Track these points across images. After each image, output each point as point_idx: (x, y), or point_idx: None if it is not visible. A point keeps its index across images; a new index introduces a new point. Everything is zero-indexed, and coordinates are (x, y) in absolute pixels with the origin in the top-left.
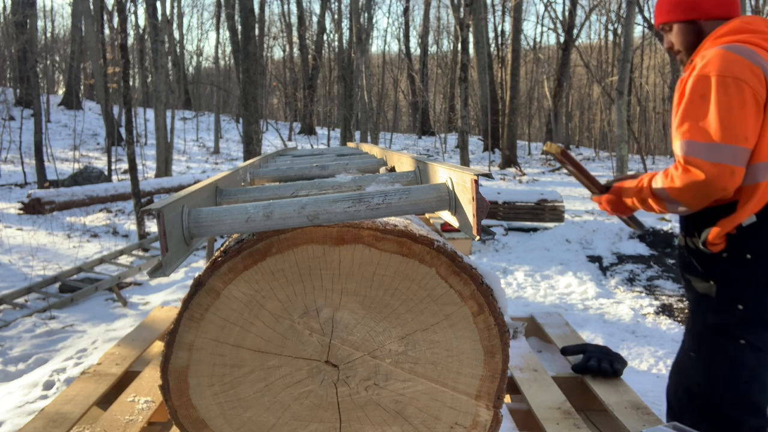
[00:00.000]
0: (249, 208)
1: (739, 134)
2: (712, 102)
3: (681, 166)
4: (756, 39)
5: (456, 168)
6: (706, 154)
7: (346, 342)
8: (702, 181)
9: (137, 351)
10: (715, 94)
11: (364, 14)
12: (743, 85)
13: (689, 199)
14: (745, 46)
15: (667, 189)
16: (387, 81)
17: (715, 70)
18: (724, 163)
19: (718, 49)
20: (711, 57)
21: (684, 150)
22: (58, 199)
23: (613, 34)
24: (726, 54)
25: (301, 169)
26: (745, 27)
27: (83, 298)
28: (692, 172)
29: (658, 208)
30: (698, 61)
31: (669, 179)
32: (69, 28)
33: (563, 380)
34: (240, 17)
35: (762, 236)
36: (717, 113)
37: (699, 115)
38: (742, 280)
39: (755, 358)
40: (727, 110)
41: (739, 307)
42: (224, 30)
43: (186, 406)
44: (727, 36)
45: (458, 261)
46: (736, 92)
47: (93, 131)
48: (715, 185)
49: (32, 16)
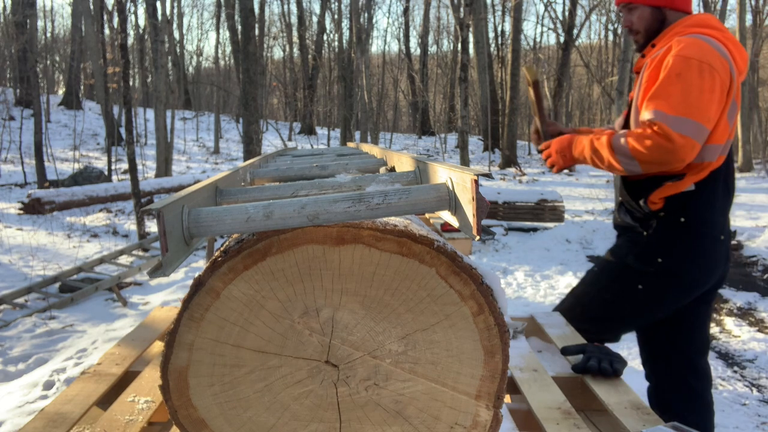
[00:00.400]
0: (249, 208)
1: (705, 115)
2: (687, 82)
3: (651, 131)
4: (719, 35)
5: (456, 168)
6: (677, 126)
7: (346, 342)
8: (668, 148)
9: (137, 351)
10: (692, 75)
11: (364, 14)
12: (715, 73)
13: (649, 161)
14: (717, 42)
15: (630, 147)
16: (387, 81)
17: (694, 55)
18: (690, 136)
19: (694, 37)
20: (689, 42)
21: (657, 117)
22: (58, 199)
23: (613, 34)
24: (703, 43)
25: (301, 169)
26: (708, 23)
27: (83, 298)
28: (661, 138)
29: (607, 163)
30: (675, 45)
31: (634, 138)
32: (69, 28)
33: (563, 380)
34: (240, 17)
35: (696, 204)
36: (691, 93)
37: (674, 91)
38: (670, 239)
39: (641, 301)
40: (699, 92)
41: (659, 260)
42: (224, 30)
43: (186, 406)
44: (697, 27)
45: (458, 261)
46: (709, 78)
47: (93, 131)
48: (677, 154)
49: (32, 16)
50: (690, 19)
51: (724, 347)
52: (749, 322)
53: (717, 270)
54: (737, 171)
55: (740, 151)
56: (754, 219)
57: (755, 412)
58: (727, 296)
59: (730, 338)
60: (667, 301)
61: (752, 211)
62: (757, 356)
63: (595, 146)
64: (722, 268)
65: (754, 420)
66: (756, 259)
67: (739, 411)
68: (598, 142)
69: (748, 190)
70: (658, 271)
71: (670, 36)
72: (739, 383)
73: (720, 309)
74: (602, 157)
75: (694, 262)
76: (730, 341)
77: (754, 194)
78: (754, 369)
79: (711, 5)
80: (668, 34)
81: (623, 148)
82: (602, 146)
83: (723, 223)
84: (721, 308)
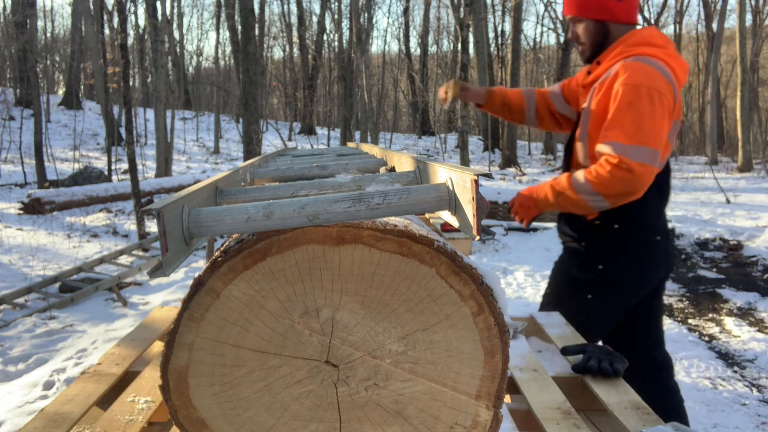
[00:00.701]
0: (249, 208)
1: (658, 141)
2: (639, 110)
3: (611, 165)
4: (662, 54)
5: (456, 168)
6: (635, 155)
7: (346, 342)
8: (630, 178)
9: (137, 351)
10: (642, 103)
11: (364, 14)
12: (663, 98)
13: (614, 194)
14: (661, 63)
15: (592, 184)
16: (387, 81)
17: (642, 82)
18: (648, 164)
19: (639, 61)
20: (636, 68)
21: (616, 150)
22: (58, 199)
23: None
24: (648, 68)
25: (301, 169)
26: (651, 40)
27: (83, 298)
28: (622, 171)
29: (574, 204)
30: (621, 71)
31: (595, 175)
32: (69, 28)
33: (563, 380)
34: (240, 17)
35: (628, 211)
36: (643, 121)
37: (627, 121)
38: (606, 246)
39: (591, 310)
40: (651, 119)
41: (599, 267)
42: (224, 30)
43: (186, 406)
44: (641, 47)
45: (458, 261)
46: (659, 104)
47: (93, 131)
48: (640, 183)
49: (32, 16)
50: (633, 37)
51: (724, 347)
52: (749, 322)
53: (657, 270)
54: (737, 171)
55: (740, 151)
56: (754, 219)
57: (755, 412)
58: (727, 296)
59: (730, 338)
60: (613, 306)
61: (752, 211)
62: (757, 356)
63: (557, 190)
64: (664, 266)
65: (754, 420)
66: (756, 259)
67: (739, 411)
68: (559, 186)
69: (748, 190)
70: (600, 278)
71: (614, 55)
72: (739, 383)
73: (720, 309)
74: (568, 199)
75: (632, 266)
76: (730, 341)
77: (754, 194)
78: (754, 369)
79: (711, 5)
80: (612, 53)
81: (585, 186)
82: (565, 188)
83: (658, 224)
84: (721, 308)
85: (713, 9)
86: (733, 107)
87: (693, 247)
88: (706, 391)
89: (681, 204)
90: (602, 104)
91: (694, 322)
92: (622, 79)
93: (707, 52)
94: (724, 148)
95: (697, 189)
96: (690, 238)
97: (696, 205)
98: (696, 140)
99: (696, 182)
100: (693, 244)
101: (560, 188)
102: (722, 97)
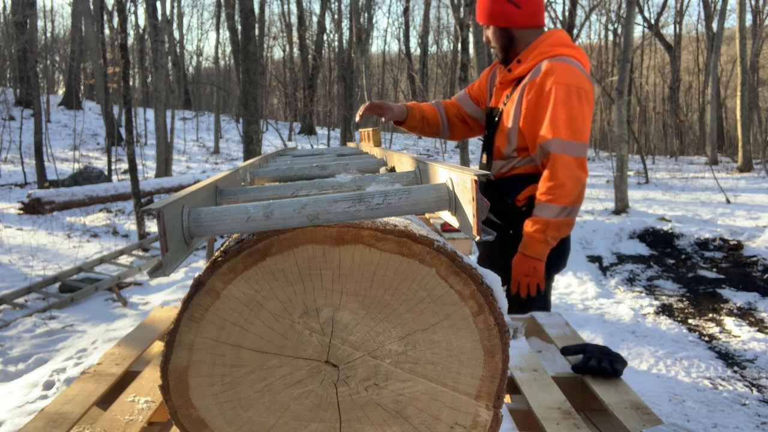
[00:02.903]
0: (249, 208)
1: (587, 135)
2: (571, 108)
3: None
4: (577, 54)
5: (456, 168)
6: (575, 151)
7: (346, 342)
8: (577, 174)
9: (137, 351)
10: (572, 102)
11: (364, 14)
12: (589, 96)
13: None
14: (580, 63)
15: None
16: (387, 81)
17: (571, 81)
18: (582, 156)
19: (563, 61)
20: (563, 69)
21: (556, 148)
22: (58, 199)
23: (613, 34)
24: (573, 68)
25: (301, 169)
26: (567, 42)
27: (83, 298)
28: (565, 168)
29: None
30: (550, 71)
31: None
32: (69, 28)
33: (563, 380)
34: (240, 17)
35: None
36: (575, 118)
37: (563, 118)
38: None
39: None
40: (581, 116)
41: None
42: (224, 30)
43: (186, 406)
44: (559, 47)
45: (458, 261)
46: (586, 102)
47: (93, 131)
48: (584, 174)
49: (32, 16)
50: (551, 38)
51: (724, 347)
52: (749, 322)
53: (569, 246)
54: (737, 171)
55: (740, 151)
56: (754, 219)
57: (755, 412)
58: (727, 296)
59: (730, 338)
60: (549, 280)
61: (752, 211)
62: (757, 356)
63: (541, 232)
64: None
65: (754, 420)
66: (756, 259)
67: (739, 411)
68: (535, 226)
69: (748, 190)
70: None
71: (535, 54)
72: (739, 383)
73: (720, 309)
74: (555, 229)
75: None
76: (730, 341)
77: (754, 194)
78: (754, 369)
79: (711, 5)
80: (534, 52)
81: (555, 209)
82: (545, 225)
83: None
84: (721, 308)
85: (713, 9)
86: (733, 107)
87: (693, 247)
88: (706, 391)
89: (681, 204)
90: (533, 101)
91: (694, 322)
92: (552, 78)
93: (707, 52)
94: (724, 148)
95: (697, 189)
96: (690, 238)
97: (696, 205)
98: (696, 140)
99: (696, 182)
100: (693, 244)
101: (541, 229)
102: (722, 97)
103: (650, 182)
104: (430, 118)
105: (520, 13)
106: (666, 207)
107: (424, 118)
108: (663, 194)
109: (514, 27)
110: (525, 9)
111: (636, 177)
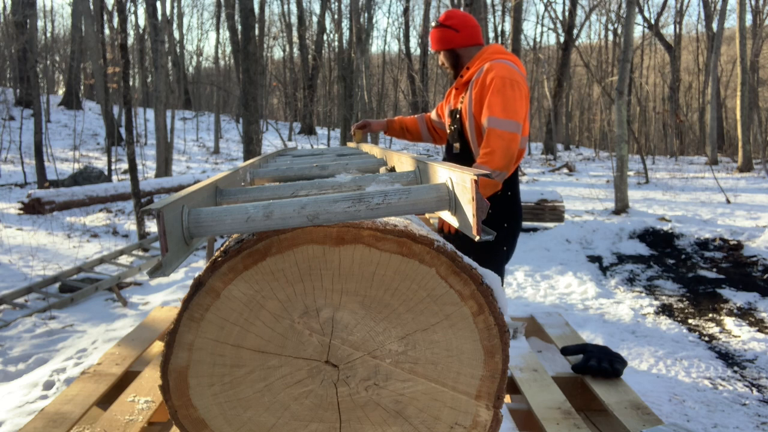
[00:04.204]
0: (249, 208)
1: (519, 115)
2: (505, 95)
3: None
4: (511, 58)
5: (456, 168)
6: (507, 126)
7: (346, 342)
8: (507, 145)
9: (137, 351)
10: (506, 90)
11: (364, 14)
12: (521, 86)
13: (505, 163)
14: (515, 64)
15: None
16: (387, 81)
17: (506, 75)
18: (514, 132)
19: (501, 62)
20: (500, 66)
21: (491, 123)
22: (58, 199)
23: (613, 34)
24: (508, 66)
25: (301, 169)
26: (503, 50)
27: (83, 298)
28: (498, 140)
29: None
30: (490, 69)
31: (486, 159)
32: (69, 28)
33: (563, 380)
34: (240, 17)
35: (514, 181)
36: (508, 102)
37: (498, 102)
38: (506, 209)
39: (505, 259)
40: (513, 100)
41: (505, 225)
42: (224, 30)
43: (186, 406)
44: (498, 54)
45: (458, 261)
46: (518, 90)
47: (93, 131)
48: (513, 146)
49: (32, 16)
50: (490, 48)
51: (724, 347)
52: (749, 322)
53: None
54: (737, 171)
55: (740, 151)
56: (754, 219)
57: (755, 412)
58: (727, 296)
59: (730, 338)
60: (513, 247)
61: (752, 211)
62: (757, 356)
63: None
64: None
65: (754, 420)
66: (756, 259)
67: (739, 411)
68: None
69: (748, 190)
70: (508, 232)
71: (480, 61)
72: (739, 383)
73: (720, 309)
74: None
75: (520, 216)
76: (730, 341)
77: (754, 194)
78: (754, 369)
79: (711, 5)
80: (478, 60)
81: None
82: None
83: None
84: (721, 308)
85: (713, 9)
86: (733, 107)
87: (693, 247)
88: (706, 391)
89: (681, 204)
90: (479, 93)
91: (694, 322)
92: (492, 74)
93: (707, 52)
94: (724, 148)
95: (697, 189)
96: (690, 238)
97: (696, 205)
98: (696, 140)
99: (696, 182)
100: (693, 244)
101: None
102: (722, 97)
103: (650, 182)
104: (411, 129)
105: (460, 35)
106: (666, 207)
107: (403, 128)
108: (663, 194)
109: (457, 47)
110: (463, 32)
111: (636, 177)
